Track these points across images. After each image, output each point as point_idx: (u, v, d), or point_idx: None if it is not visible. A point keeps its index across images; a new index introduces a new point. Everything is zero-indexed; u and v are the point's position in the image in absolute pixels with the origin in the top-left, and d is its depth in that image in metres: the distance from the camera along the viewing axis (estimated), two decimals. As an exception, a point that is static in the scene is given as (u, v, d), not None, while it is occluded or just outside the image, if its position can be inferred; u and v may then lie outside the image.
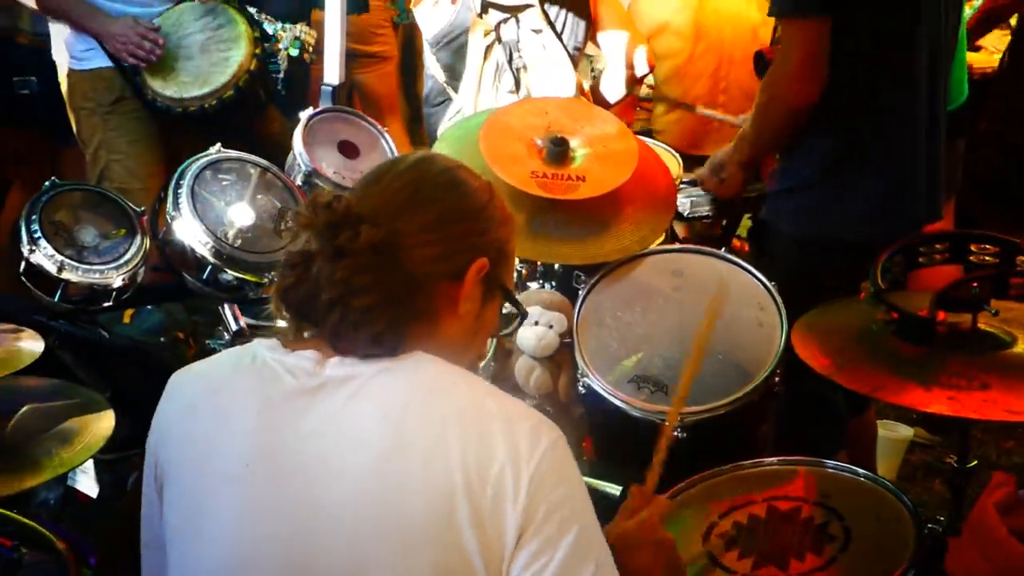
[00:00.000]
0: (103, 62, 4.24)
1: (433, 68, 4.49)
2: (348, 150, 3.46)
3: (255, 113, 4.32)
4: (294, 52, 4.52)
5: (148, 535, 2.01)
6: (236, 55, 4.10)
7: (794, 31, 3.19)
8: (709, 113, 4.51)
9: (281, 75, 4.54)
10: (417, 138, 5.86)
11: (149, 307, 3.82)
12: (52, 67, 4.62)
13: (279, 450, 1.80)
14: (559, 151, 3.26)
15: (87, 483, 3.65)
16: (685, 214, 3.70)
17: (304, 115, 3.47)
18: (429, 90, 4.57)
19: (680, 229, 4.00)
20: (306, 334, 1.92)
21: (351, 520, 1.74)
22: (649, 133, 4.85)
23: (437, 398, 1.80)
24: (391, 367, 1.82)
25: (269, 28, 4.65)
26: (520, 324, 2.12)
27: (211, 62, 4.09)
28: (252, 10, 4.60)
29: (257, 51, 4.11)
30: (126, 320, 3.85)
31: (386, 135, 3.53)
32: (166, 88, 4.10)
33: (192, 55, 4.13)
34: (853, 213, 3.24)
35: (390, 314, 1.82)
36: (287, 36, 4.56)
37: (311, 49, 4.44)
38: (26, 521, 3.57)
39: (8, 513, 3.65)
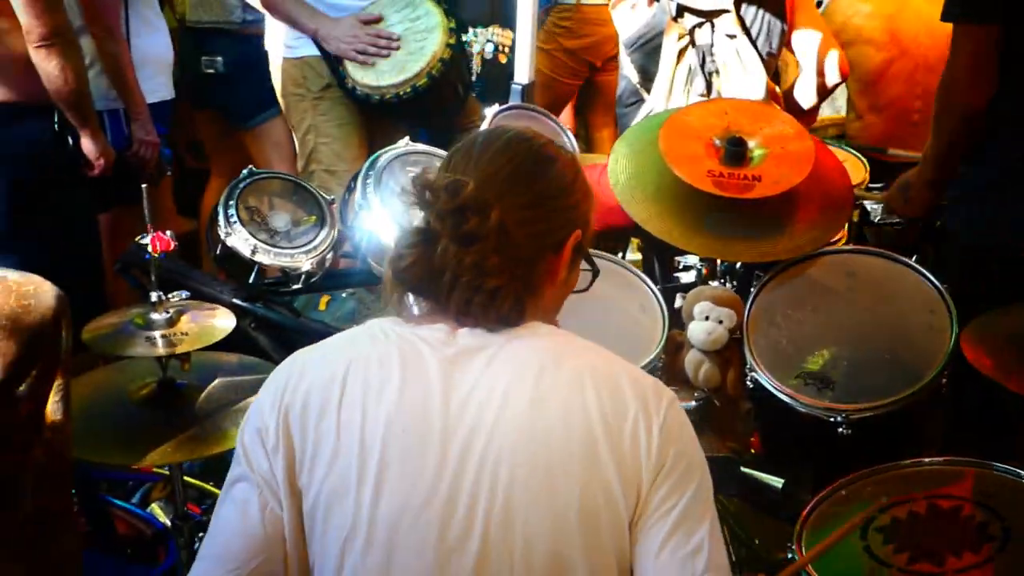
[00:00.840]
0: (312, 50, 4.47)
1: (627, 69, 4.56)
2: (530, 147, 3.53)
3: (455, 109, 4.45)
4: (488, 54, 4.65)
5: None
6: (431, 44, 4.25)
7: (961, 36, 3.17)
8: (901, 154, 4.47)
9: (474, 77, 4.68)
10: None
11: (344, 295, 3.99)
12: (239, 51, 4.90)
13: (429, 413, 1.91)
14: (737, 151, 3.31)
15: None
16: (876, 220, 3.70)
17: (490, 111, 3.58)
18: (622, 90, 4.64)
19: (871, 235, 3.99)
20: (416, 309, 2.03)
21: (504, 472, 1.86)
22: (842, 137, 4.84)
23: (567, 359, 1.94)
24: (518, 336, 1.95)
25: (464, 36, 4.80)
26: (593, 281, 2.19)
27: (408, 51, 4.25)
28: None
29: (451, 40, 4.24)
30: (322, 307, 4.02)
31: (568, 132, 3.61)
32: (365, 76, 4.28)
33: (387, 56, 4.30)
34: None
35: (514, 291, 1.94)
36: (480, 40, 4.70)
37: (506, 49, 4.56)
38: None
39: (205, 486, 3.87)
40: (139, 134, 4.56)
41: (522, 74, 4.08)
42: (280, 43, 4.69)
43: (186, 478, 3.90)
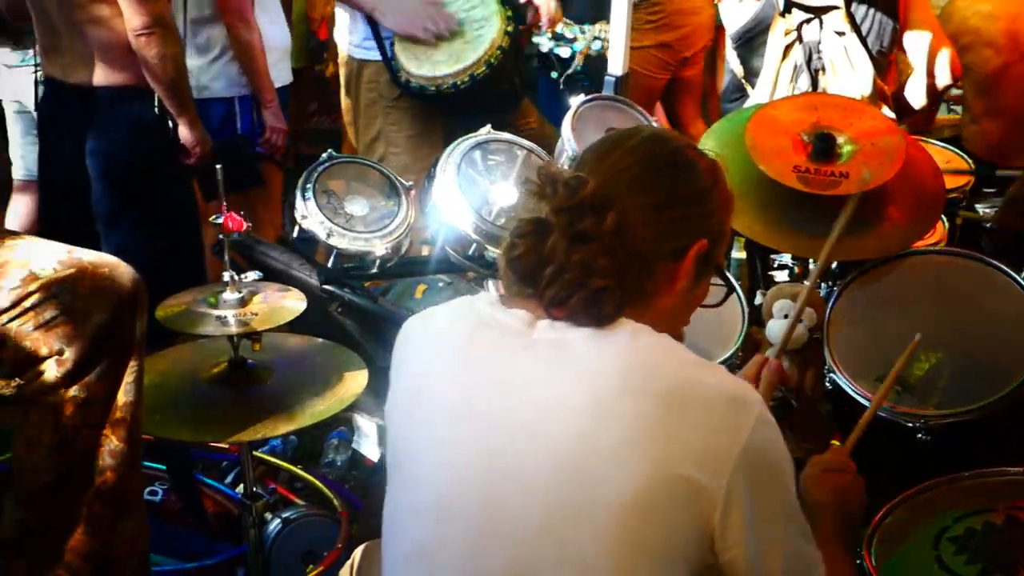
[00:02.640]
0: (375, 54, 4.47)
1: (733, 63, 4.50)
2: (615, 137, 3.52)
3: (511, 104, 4.44)
4: (594, 51, 4.64)
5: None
6: (489, 32, 4.23)
7: None
8: (1009, 173, 4.36)
9: (579, 75, 4.66)
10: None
11: (440, 284, 4.00)
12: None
13: (485, 401, 1.91)
14: (824, 147, 3.24)
15: (370, 447, 3.83)
16: (989, 225, 3.61)
17: (575, 101, 3.55)
18: (727, 85, 4.60)
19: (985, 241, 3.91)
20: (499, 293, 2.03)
21: (547, 480, 1.82)
22: (957, 140, 4.72)
23: (645, 369, 1.86)
24: (600, 335, 1.89)
25: (568, 32, 4.78)
26: (727, 298, 2.15)
27: (464, 40, 4.25)
28: None
29: (509, 28, 4.22)
30: (418, 295, 4.03)
31: (654, 124, 3.58)
32: (420, 68, 4.27)
33: (448, 35, 4.29)
34: None
35: (619, 295, 1.89)
36: (586, 37, 4.68)
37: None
38: (311, 479, 3.83)
39: (294, 469, 3.92)
40: (271, 121, 4.66)
41: (616, 66, 4.04)
42: (351, 44, 4.70)
43: (264, 456, 3.99)
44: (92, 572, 2.45)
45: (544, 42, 4.88)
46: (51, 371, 2.33)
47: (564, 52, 4.85)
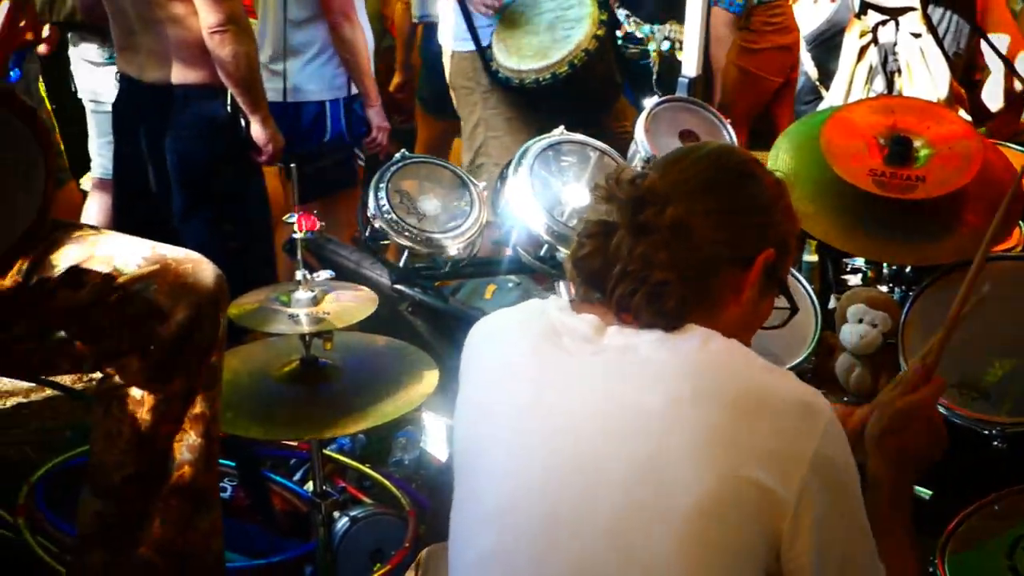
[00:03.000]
0: (468, 44, 4.51)
1: (807, 65, 4.48)
2: (688, 138, 3.51)
3: (603, 106, 4.44)
4: (665, 51, 4.62)
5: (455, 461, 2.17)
6: (577, 33, 4.25)
7: None
8: None
9: (654, 75, 4.65)
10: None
11: (510, 284, 4.00)
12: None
13: (551, 405, 1.91)
14: (900, 150, 3.20)
15: (439, 447, 3.84)
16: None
17: (649, 103, 3.55)
18: (801, 87, 4.57)
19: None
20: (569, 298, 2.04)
21: (617, 483, 1.82)
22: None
23: (714, 374, 1.85)
24: (669, 339, 1.89)
25: (638, 32, 4.76)
26: (790, 319, 2.14)
27: (553, 38, 4.26)
28: (623, 12, 4.73)
29: (599, 32, 4.22)
30: (487, 295, 4.04)
31: (728, 126, 3.56)
32: (508, 60, 4.30)
33: (539, 31, 4.31)
34: None
35: (681, 292, 1.89)
36: (657, 37, 4.66)
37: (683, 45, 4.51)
38: (379, 477, 3.85)
39: (363, 468, 3.94)
40: (376, 120, 4.69)
41: (690, 67, 4.03)
42: (449, 37, 4.74)
43: (333, 454, 4.00)
44: (169, 566, 2.48)
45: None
46: (132, 366, 2.36)
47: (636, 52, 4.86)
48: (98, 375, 2.43)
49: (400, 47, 6.30)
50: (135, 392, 2.38)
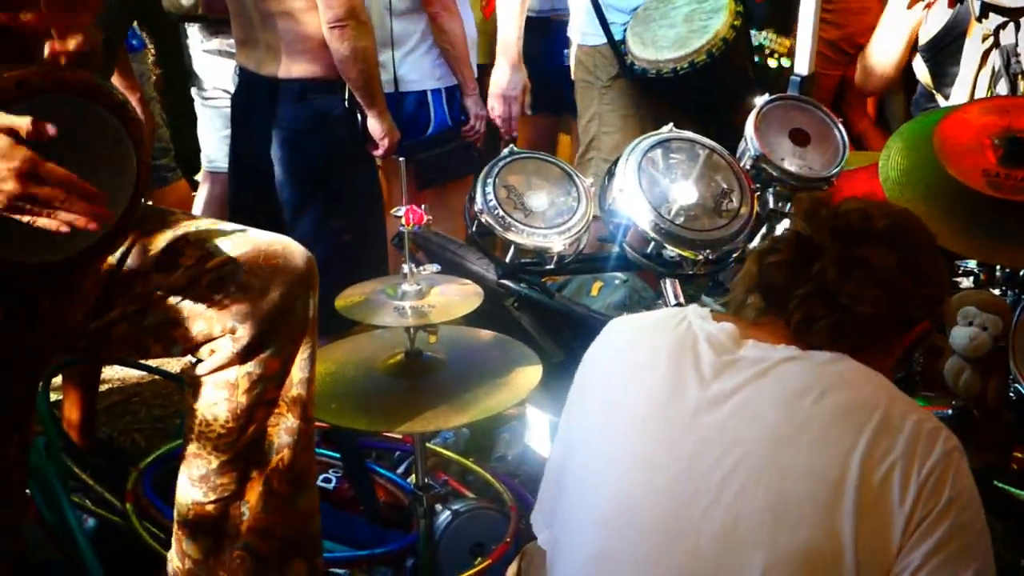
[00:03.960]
0: (603, 39, 4.47)
1: (919, 73, 4.40)
2: (799, 138, 3.47)
3: (733, 102, 4.39)
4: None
5: (554, 463, 2.21)
6: (715, 23, 4.21)
7: None
8: None
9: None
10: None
11: (617, 282, 3.99)
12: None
13: (679, 410, 1.95)
14: (1015, 151, 3.14)
15: (542, 443, 3.84)
16: None
17: (759, 101, 3.51)
18: (919, 94, 4.49)
19: None
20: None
21: (733, 487, 1.86)
22: None
23: (841, 391, 1.90)
24: (802, 356, 1.96)
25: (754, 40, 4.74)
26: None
27: (690, 29, 4.23)
28: None
29: (736, 23, 4.19)
30: (594, 293, 4.04)
31: (839, 125, 3.51)
32: (644, 51, 4.28)
33: (676, 23, 4.28)
34: None
35: (868, 332, 2.00)
36: (767, 44, 4.62)
37: (775, 54, 4.47)
38: (482, 472, 3.86)
39: (466, 462, 3.96)
40: (474, 109, 4.71)
41: (802, 65, 3.98)
42: (576, 31, 4.75)
43: (437, 448, 4.02)
44: (269, 549, 2.51)
45: None
46: (226, 349, 2.39)
47: None
48: (193, 359, 2.46)
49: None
50: (229, 375, 2.41)
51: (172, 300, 2.38)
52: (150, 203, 2.53)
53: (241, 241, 2.43)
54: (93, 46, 2.12)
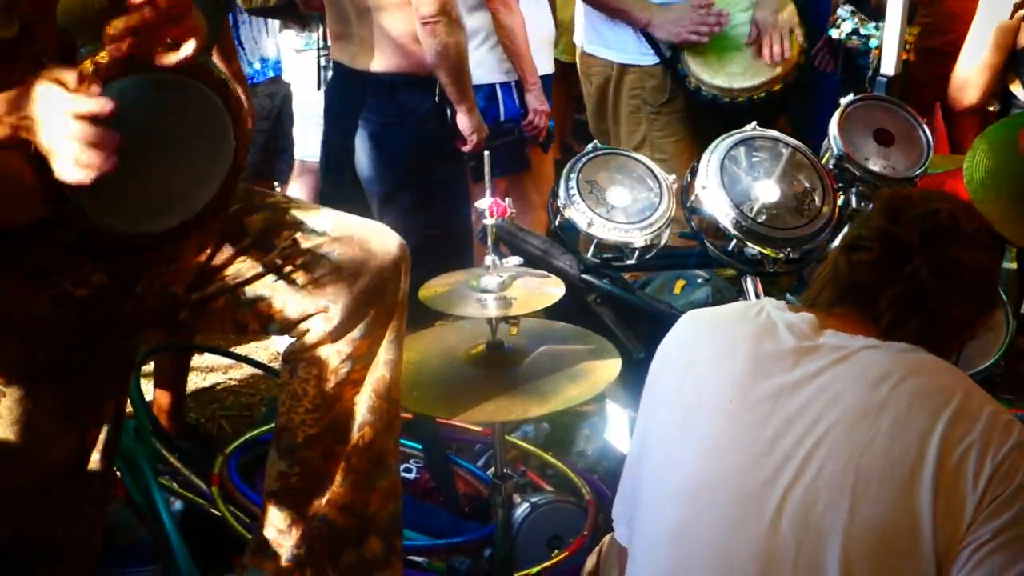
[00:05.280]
0: (652, 59, 4.45)
1: (1017, 89, 4.35)
2: (883, 138, 3.45)
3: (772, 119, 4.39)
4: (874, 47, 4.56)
5: (633, 455, 2.24)
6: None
7: None
8: None
9: (869, 72, 4.58)
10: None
11: (699, 280, 4.00)
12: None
13: (760, 393, 2.00)
14: (1103, 148, 3.12)
15: (621, 439, 3.86)
16: None
17: (844, 100, 3.50)
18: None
19: None
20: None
21: (813, 467, 1.91)
22: None
23: (920, 376, 1.95)
24: (881, 345, 2.00)
25: (863, 29, 4.70)
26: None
27: (757, 55, 4.21)
28: (848, 8, 4.67)
29: (805, 46, 4.18)
30: (676, 290, 4.04)
31: (924, 127, 3.49)
32: (714, 77, 4.23)
33: (740, 47, 4.25)
34: None
35: (955, 332, 2.07)
36: (878, 35, 4.59)
37: (908, 47, 4.44)
38: (561, 466, 3.89)
39: (545, 455, 3.99)
40: (533, 104, 4.75)
41: (888, 66, 3.96)
42: (604, 47, 4.66)
43: (517, 440, 4.05)
44: (347, 524, 2.58)
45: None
46: (318, 327, 2.47)
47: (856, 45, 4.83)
48: (286, 337, 2.52)
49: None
50: (320, 353, 2.49)
51: (268, 278, 2.46)
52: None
53: (336, 225, 2.52)
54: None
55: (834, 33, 4.89)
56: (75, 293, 2.31)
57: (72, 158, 1.95)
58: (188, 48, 2.09)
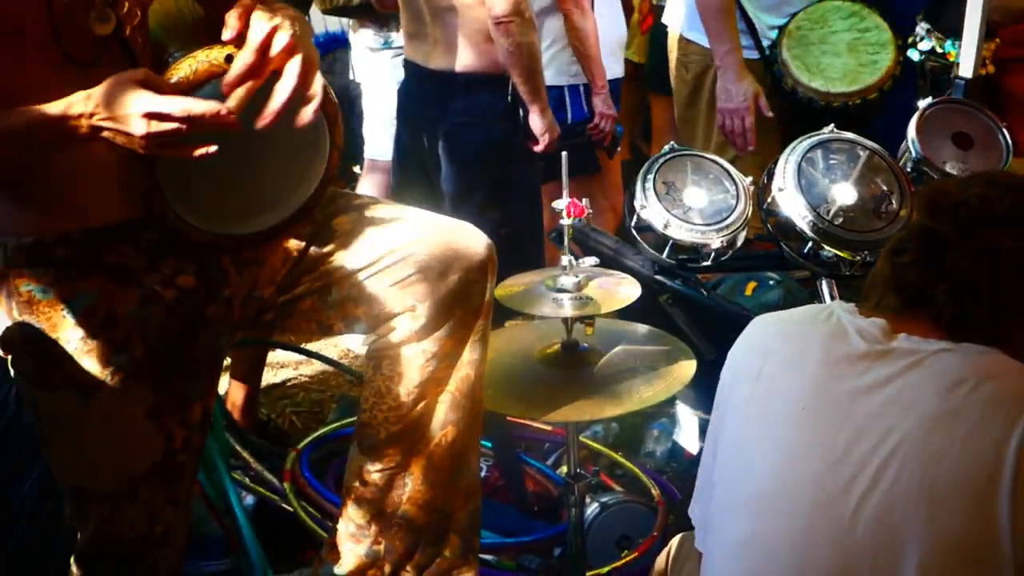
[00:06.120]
0: (754, 54, 4.46)
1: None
2: (961, 141, 3.43)
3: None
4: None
5: (707, 459, 2.23)
6: (884, 60, 4.20)
7: None
8: None
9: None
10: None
11: (771, 282, 3.99)
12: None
13: (833, 399, 1.98)
14: None
15: (691, 440, 3.86)
16: None
17: (922, 103, 3.49)
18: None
19: None
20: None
21: (888, 475, 1.88)
22: None
23: (996, 381, 1.90)
24: (953, 348, 1.95)
25: (939, 47, 4.68)
26: None
27: (859, 62, 4.21)
28: (924, 26, 4.65)
29: (900, 59, 4.18)
30: (748, 292, 4.04)
31: (1004, 130, 3.47)
32: (812, 80, 4.24)
33: (839, 52, 4.26)
34: None
35: (1016, 319, 1.98)
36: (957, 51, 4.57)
37: (986, 62, 4.42)
38: (630, 466, 3.89)
39: (615, 456, 3.99)
40: (600, 108, 4.75)
41: (966, 68, 3.94)
42: (695, 28, 4.70)
43: (586, 440, 4.06)
44: (427, 522, 2.59)
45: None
46: (404, 326, 2.48)
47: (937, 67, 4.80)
48: (372, 335, 2.53)
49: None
50: (405, 352, 2.50)
51: (355, 279, 2.47)
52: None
53: (424, 225, 2.54)
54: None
55: (913, 54, 4.85)
56: (163, 294, 2.33)
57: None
58: (309, 111, 2.13)
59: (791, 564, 1.94)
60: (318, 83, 2.15)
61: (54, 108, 2.03)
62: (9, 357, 2.34)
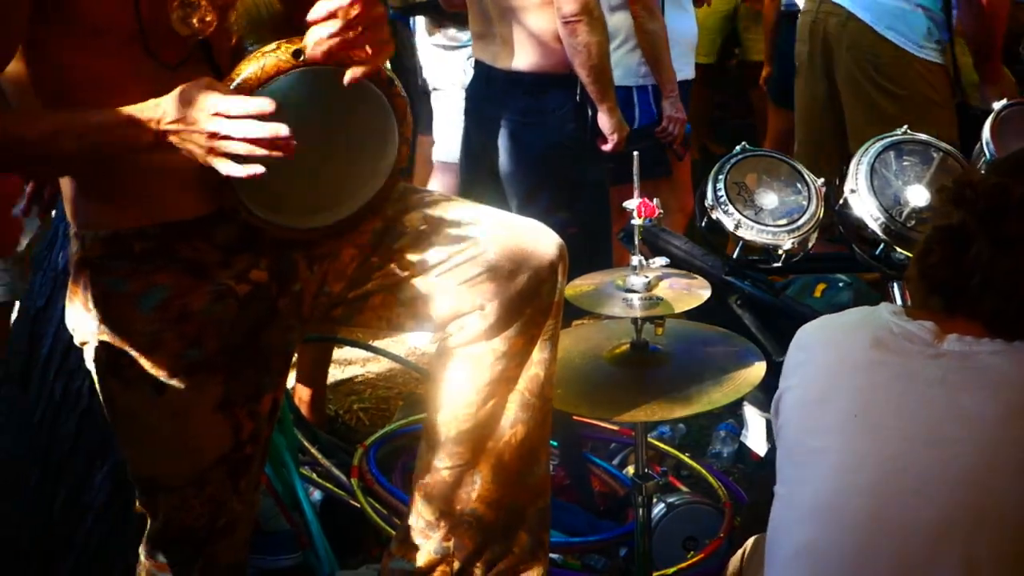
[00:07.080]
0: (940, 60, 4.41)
1: None
2: (1040, 144, 3.40)
3: None
4: None
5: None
6: None
7: None
8: None
9: None
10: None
11: (840, 284, 3.97)
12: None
13: (885, 407, 1.93)
14: None
15: (758, 442, 3.85)
16: None
17: (997, 105, 3.46)
18: None
19: None
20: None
21: (944, 485, 1.84)
22: None
23: None
24: (1011, 347, 1.89)
25: None
26: None
27: None
28: None
29: None
30: (817, 294, 4.02)
31: (1084, 132, 3.43)
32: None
33: None
34: None
35: None
36: None
37: None
38: (698, 467, 3.88)
39: (682, 456, 3.99)
40: (669, 111, 4.73)
41: (1044, 69, 3.92)
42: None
43: (653, 441, 4.05)
44: (496, 519, 2.59)
45: None
46: (474, 325, 2.48)
47: None
48: (441, 334, 2.54)
49: (767, 39, 6.35)
50: (474, 349, 2.50)
51: (425, 277, 2.47)
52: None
53: (495, 223, 2.53)
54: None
55: None
56: (236, 289, 2.35)
57: (226, 160, 2.03)
58: (383, 59, 2.14)
59: (850, 573, 1.92)
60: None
61: (125, 111, 2.05)
62: (85, 348, 2.37)
